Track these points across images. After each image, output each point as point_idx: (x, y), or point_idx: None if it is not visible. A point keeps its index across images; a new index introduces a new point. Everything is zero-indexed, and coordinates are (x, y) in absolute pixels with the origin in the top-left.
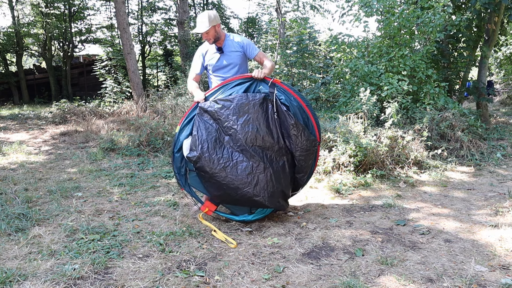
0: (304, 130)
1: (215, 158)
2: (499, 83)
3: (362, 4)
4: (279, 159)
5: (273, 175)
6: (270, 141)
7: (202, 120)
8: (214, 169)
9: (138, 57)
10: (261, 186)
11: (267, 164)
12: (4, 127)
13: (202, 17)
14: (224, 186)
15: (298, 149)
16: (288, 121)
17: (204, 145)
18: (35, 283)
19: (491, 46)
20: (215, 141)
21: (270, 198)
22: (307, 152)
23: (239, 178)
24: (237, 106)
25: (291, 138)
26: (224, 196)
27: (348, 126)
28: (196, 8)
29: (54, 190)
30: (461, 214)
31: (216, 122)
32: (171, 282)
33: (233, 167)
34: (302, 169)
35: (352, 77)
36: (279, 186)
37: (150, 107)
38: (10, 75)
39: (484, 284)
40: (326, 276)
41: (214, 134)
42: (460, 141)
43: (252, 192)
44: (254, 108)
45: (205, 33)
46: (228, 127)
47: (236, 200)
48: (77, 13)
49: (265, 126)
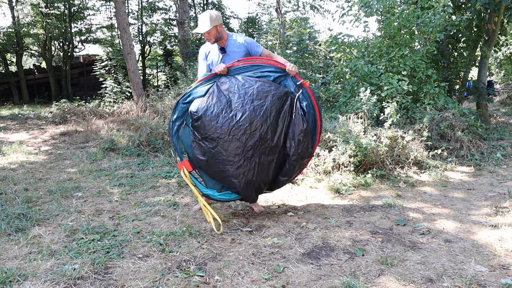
0: (309, 140)
1: (214, 125)
2: (499, 83)
3: (362, 4)
4: (270, 154)
5: (258, 166)
6: (271, 135)
7: (219, 89)
8: (208, 135)
9: (138, 57)
10: (243, 170)
11: (257, 153)
12: (4, 127)
13: (203, 17)
14: (210, 154)
15: (296, 154)
16: (300, 125)
17: (210, 109)
18: (35, 283)
19: (491, 46)
20: (221, 110)
21: (245, 185)
22: (302, 160)
23: (227, 153)
24: (257, 89)
25: (294, 142)
26: (205, 163)
27: (348, 126)
28: (196, 8)
29: (54, 190)
30: (461, 214)
31: (231, 94)
32: (171, 282)
33: (226, 142)
34: (288, 173)
35: (352, 77)
36: (259, 179)
37: (150, 107)
38: (10, 75)
39: (484, 284)
40: (326, 276)
41: (223, 104)
42: (460, 141)
43: (232, 172)
44: (273, 98)
45: (207, 33)
46: (239, 104)
47: (213, 172)
48: (77, 13)
49: (275, 120)
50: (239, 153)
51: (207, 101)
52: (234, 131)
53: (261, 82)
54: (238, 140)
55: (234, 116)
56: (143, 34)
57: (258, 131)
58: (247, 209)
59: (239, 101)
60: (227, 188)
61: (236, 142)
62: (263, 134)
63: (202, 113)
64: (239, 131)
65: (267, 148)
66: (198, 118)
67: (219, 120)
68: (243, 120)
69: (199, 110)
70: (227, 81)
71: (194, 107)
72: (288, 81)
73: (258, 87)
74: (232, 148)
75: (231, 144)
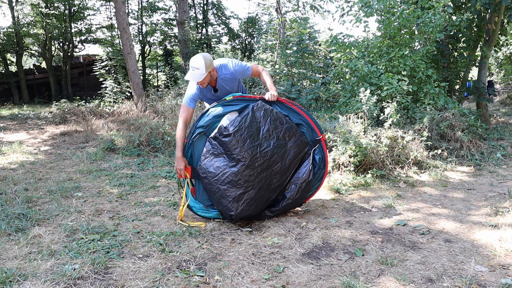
0: (307, 192)
1: (240, 147)
2: (499, 83)
3: (362, 4)
4: (273, 191)
5: (260, 199)
6: (280, 175)
7: (253, 114)
8: (231, 153)
9: (138, 57)
10: (246, 197)
11: (264, 186)
12: (4, 127)
13: (197, 63)
14: (222, 171)
15: (291, 199)
16: (306, 175)
17: (241, 131)
18: (35, 283)
19: (491, 46)
20: (250, 136)
21: (241, 211)
22: (293, 206)
23: (240, 177)
24: (285, 129)
25: (296, 188)
26: (211, 177)
27: (348, 126)
28: (196, 8)
29: (54, 190)
30: (461, 214)
31: (262, 124)
32: (171, 282)
33: (244, 166)
34: (274, 212)
35: (352, 77)
36: (254, 209)
37: (150, 107)
38: (10, 75)
39: (484, 284)
40: (326, 276)
41: (253, 131)
42: (460, 141)
43: (235, 195)
44: (294, 143)
45: (200, 82)
46: (267, 136)
47: (214, 189)
48: (77, 13)
49: (289, 162)
50: (250, 180)
51: (240, 122)
52: (254, 159)
53: (289, 125)
54: (254, 169)
55: (259, 145)
56: (143, 34)
57: (272, 167)
58: None
59: (267, 134)
60: (217, 208)
61: (252, 170)
62: (275, 171)
63: (232, 132)
64: (258, 161)
65: (273, 185)
66: (228, 135)
67: (246, 144)
68: (265, 152)
69: (229, 128)
70: (263, 109)
71: (225, 123)
72: (306, 130)
73: (286, 127)
74: (247, 173)
75: (247, 170)
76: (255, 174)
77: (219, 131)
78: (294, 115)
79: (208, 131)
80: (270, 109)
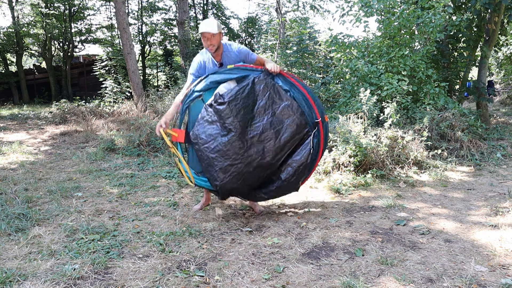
0: (302, 175)
1: (233, 117)
2: (499, 83)
3: (362, 4)
4: (263, 169)
5: (248, 174)
6: (273, 153)
7: (252, 86)
8: (224, 122)
9: (138, 57)
10: (233, 169)
11: (254, 162)
12: (4, 127)
13: (210, 21)
14: (213, 139)
15: (286, 181)
16: (304, 158)
17: (236, 101)
18: (35, 283)
19: (491, 46)
20: (244, 107)
21: (227, 183)
22: (287, 189)
23: (229, 147)
24: (283, 107)
25: (292, 170)
26: (202, 144)
27: (348, 126)
28: (196, 8)
29: (54, 190)
30: (461, 214)
31: (259, 98)
32: (171, 282)
33: (235, 137)
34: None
35: (352, 77)
36: (242, 185)
37: (150, 107)
38: (10, 75)
39: (484, 284)
40: (326, 276)
41: (249, 103)
42: (460, 141)
43: (222, 166)
44: (292, 122)
45: (212, 36)
46: (262, 111)
47: (204, 156)
48: (77, 13)
49: (284, 141)
50: (240, 153)
51: (237, 93)
52: (245, 131)
53: (290, 103)
54: (245, 142)
55: (252, 118)
56: (143, 34)
57: (264, 144)
58: (247, 209)
59: (263, 108)
60: (205, 176)
61: (242, 143)
62: (267, 148)
63: (227, 101)
64: (248, 134)
65: (265, 163)
66: (223, 103)
67: (240, 116)
68: (256, 126)
69: (225, 96)
70: (264, 83)
71: (222, 91)
72: (306, 110)
73: (286, 105)
74: (237, 145)
75: (237, 142)
76: (245, 147)
77: (215, 98)
78: (295, 92)
79: (205, 96)
80: (272, 84)
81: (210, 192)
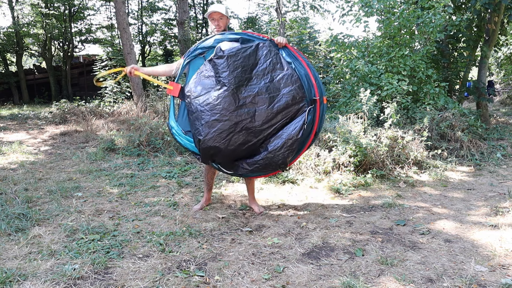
0: (292, 153)
1: (229, 72)
2: (499, 83)
3: (362, 4)
4: (250, 135)
5: (233, 135)
6: (263, 120)
7: (256, 50)
8: (219, 76)
9: (138, 57)
10: (220, 126)
11: (241, 124)
12: (4, 127)
13: (220, 4)
14: (205, 93)
15: (273, 153)
16: (295, 132)
17: (236, 57)
18: (35, 283)
19: (491, 46)
20: (243, 67)
21: (210, 140)
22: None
23: (220, 102)
24: (282, 76)
25: (281, 143)
26: (194, 97)
27: (348, 126)
28: (196, 8)
29: (54, 190)
30: (461, 214)
31: (260, 62)
32: (171, 282)
33: (228, 92)
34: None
35: (352, 77)
36: (225, 146)
37: (150, 107)
38: (10, 75)
39: (484, 284)
40: (326, 276)
41: (249, 65)
42: (460, 141)
43: (209, 120)
44: (289, 92)
45: (221, 17)
46: (260, 74)
47: (193, 109)
48: (77, 13)
49: (276, 110)
50: (229, 110)
51: (239, 50)
52: (238, 89)
53: (290, 73)
54: (236, 100)
55: (248, 78)
56: (143, 34)
57: (256, 107)
58: (247, 209)
59: (262, 72)
60: (191, 130)
61: (233, 100)
62: (257, 112)
63: (227, 55)
64: (242, 93)
65: (252, 128)
66: (222, 57)
67: (236, 73)
68: (252, 87)
69: (226, 51)
70: (267, 49)
71: (224, 46)
72: (306, 85)
73: (284, 74)
74: (227, 101)
75: (228, 98)
76: (236, 105)
77: (215, 52)
78: (298, 66)
79: (207, 55)
80: (275, 52)
81: (210, 192)
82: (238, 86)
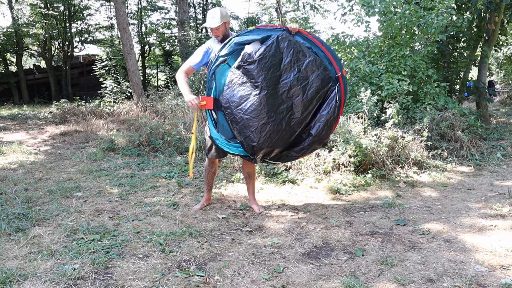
0: (331, 129)
1: (264, 75)
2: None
3: (363, 3)
4: (295, 126)
5: (282, 132)
6: (302, 109)
7: (277, 44)
8: (255, 81)
9: (138, 57)
10: (268, 128)
11: (286, 119)
12: (4, 127)
13: (213, 13)
14: (245, 101)
15: (317, 136)
16: (332, 112)
17: (265, 59)
18: (35, 283)
19: (491, 46)
20: (272, 65)
21: (263, 143)
22: (319, 144)
23: (263, 106)
24: (307, 63)
25: (321, 125)
26: (234, 107)
27: (348, 126)
28: (196, 8)
29: (54, 190)
30: (461, 214)
31: (284, 55)
32: (171, 282)
33: (267, 95)
34: (301, 151)
35: (352, 77)
36: (276, 143)
37: (150, 107)
38: (10, 75)
39: (484, 284)
40: (326, 276)
41: (276, 61)
42: (460, 141)
43: (258, 125)
44: (317, 77)
45: (215, 29)
46: (288, 68)
47: (237, 119)
48: (77, 13)
49: (311, 96)
50: (273, 111)
51: (265, 51)
52: (276, 88)
53: (313, 58)
54: (276, 99)
55: (279, 75)
56: (143, 34)
57: (292, 100)
58: (247, 209)
59: (288, 65)
60: (239, 139)
61: (274, 100)
62: (295, 104)
63: (257, 59)
64: (279, 91)
65: (295, 120)
66: (253, 62)
67: (269, 73)
68: (284, 83)
69: (254, 55)
70: (287, 40)
71: (249, 50)
72: (328, 65)
73: (309, 61)
74: (270, 103)
75: (270, 99)
76: (277, 104)
77: (243, 58)
78: (316, 49)
79: (230, 60)
80: (294, 41)
81: (210, 192)
82: (275, 85)
